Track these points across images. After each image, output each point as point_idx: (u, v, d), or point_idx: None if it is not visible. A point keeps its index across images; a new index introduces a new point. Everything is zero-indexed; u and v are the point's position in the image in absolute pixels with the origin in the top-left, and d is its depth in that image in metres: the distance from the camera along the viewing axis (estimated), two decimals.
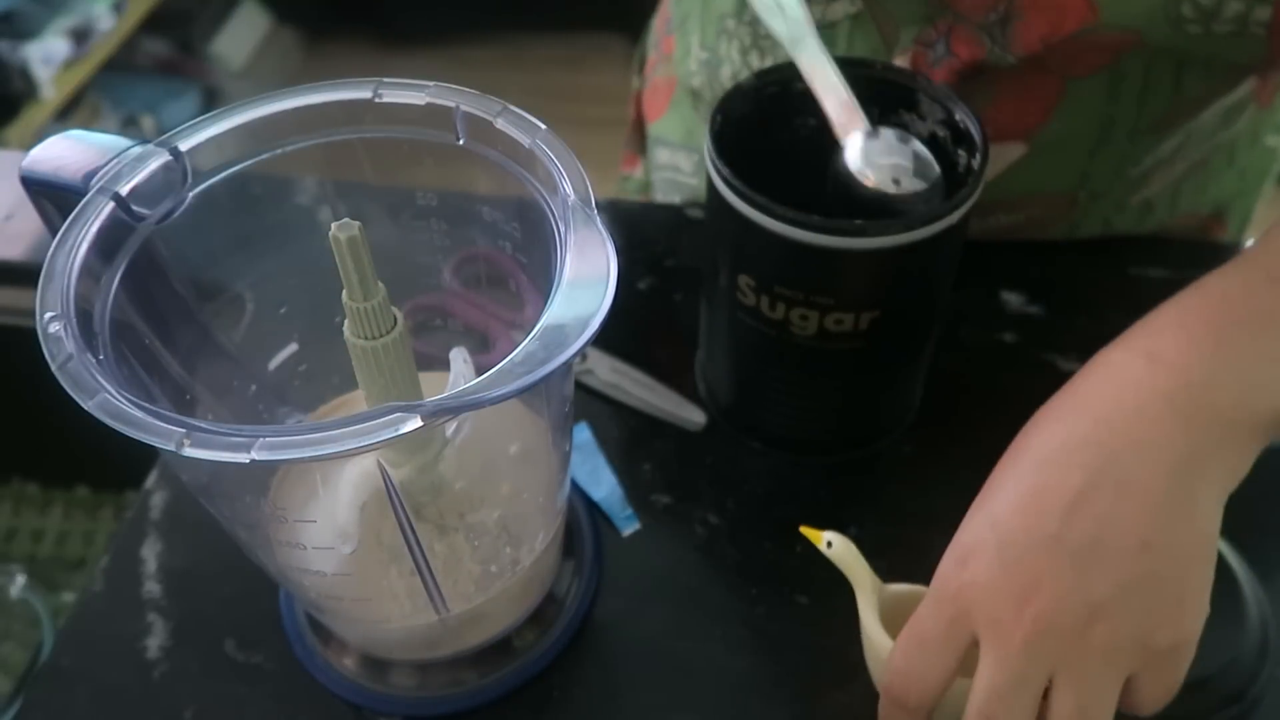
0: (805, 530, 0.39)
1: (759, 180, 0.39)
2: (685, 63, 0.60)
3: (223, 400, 0.39)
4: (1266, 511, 0.47)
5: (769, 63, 0.53)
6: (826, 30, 0.50)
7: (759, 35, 0.53)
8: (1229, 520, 0.45)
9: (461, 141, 0.34)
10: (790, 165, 0.45)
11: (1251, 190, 0.61)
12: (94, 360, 0.28)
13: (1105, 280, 0.57)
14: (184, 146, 0.34)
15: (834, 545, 0.39)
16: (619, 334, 0.53)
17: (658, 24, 0.68)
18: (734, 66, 0.55)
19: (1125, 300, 0.56)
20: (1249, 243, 0.59)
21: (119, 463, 0.56)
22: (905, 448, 0.50)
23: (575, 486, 0.48)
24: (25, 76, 1.67)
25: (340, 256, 0.30)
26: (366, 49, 2.33)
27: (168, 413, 0.26)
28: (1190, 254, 0.59)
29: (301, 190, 0.39)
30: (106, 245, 0.31)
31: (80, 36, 1.76)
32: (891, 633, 0.38)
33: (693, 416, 0.51)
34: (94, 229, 0.31)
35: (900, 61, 0.49)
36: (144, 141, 0.33)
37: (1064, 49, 0.45)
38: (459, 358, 0.36)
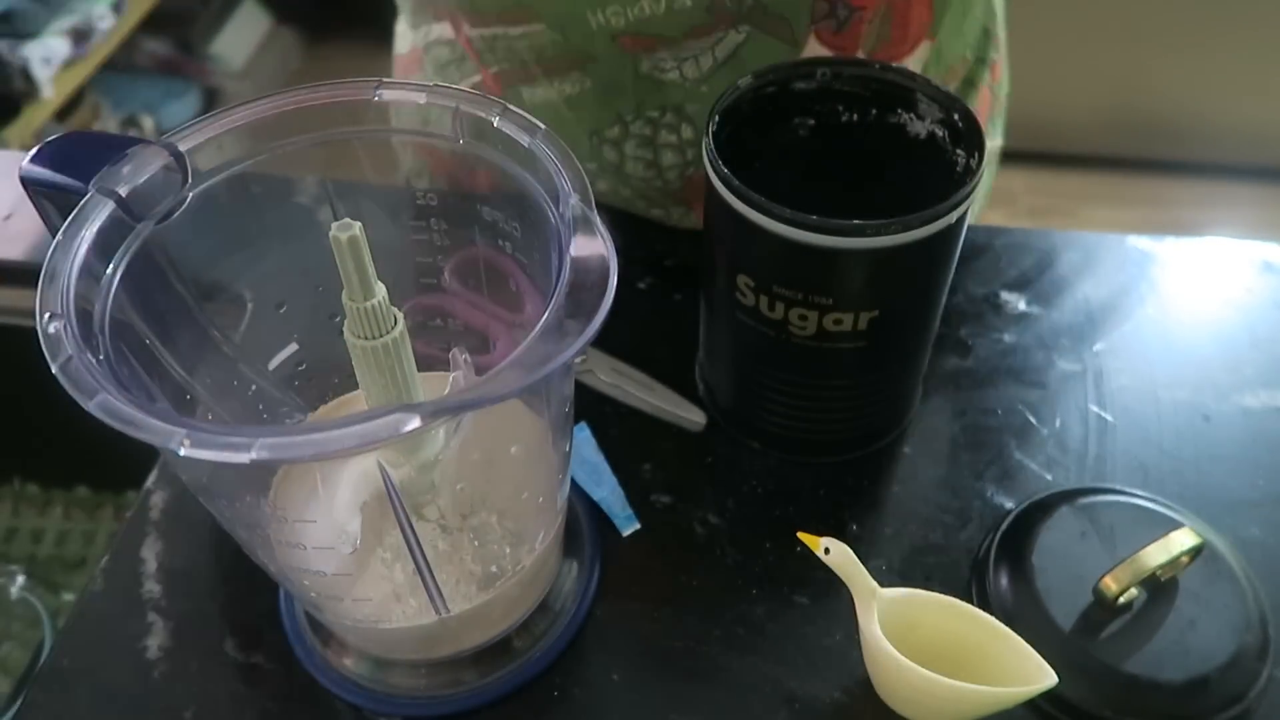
0: (803, 536, 0.39)
1: (758, 180, 0.39)
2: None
3: (223, 400, 0.39)
4: (1267, 511, 0.47)
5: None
6: (726, 64, 0.51)
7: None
8: (1229, 519, 0.46)
9: (461, 141, 0.34)
10: (789, 165, 0.45)
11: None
12: (94, 360, 0.28)
13: (1105, 280, 0.57)
14: (184, 146, 0.34)
15: (832, 551, 0.39)
16: (619, 334, 0.52)
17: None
18: None
19: (1125, 300, 0.57)
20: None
21: (119, 463, 0.56)
22: (905, 448, 0.50)
23: (575, 486, 0.48)
24: (25, 76, 1.67)
25: (340, 256, 0.30)
26: (366, 49, 2.32)
27: (168, 413, 0.26)
28: (1190, 255, 0.59)
29: (301, 190, 0.39)
30: (106, 245, 0.31)
31: (80, 36, 1.76)
32: (891, 637, 0.38)
33: (693, 416, 0.51)
34: (94, 229, 0.31)
35: (809, 52, 0.51)
36: (144, 141, 0.33)
37: None
38: (459, 358, 0.36)
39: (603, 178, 0.59)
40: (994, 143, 0.66)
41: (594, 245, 0.29)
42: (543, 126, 0.33)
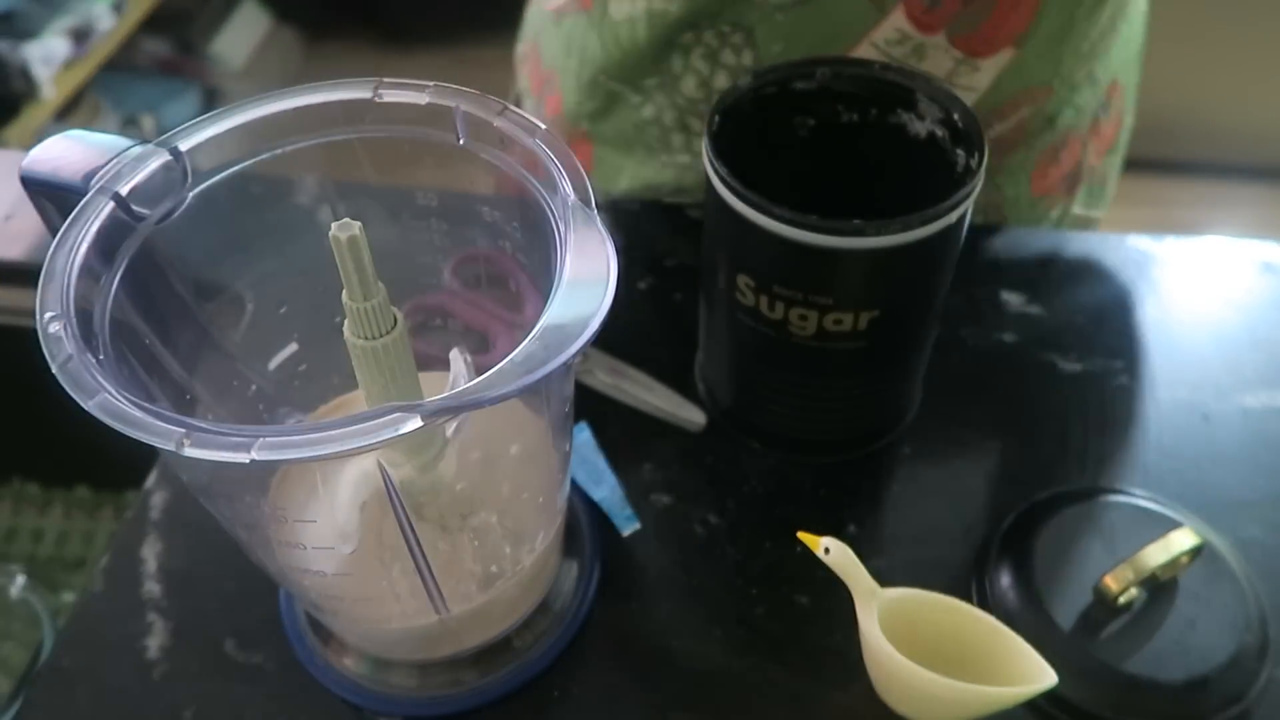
0: (803, 536, 0.39)
1: (757, 180, 0.39)
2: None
3: (223, 400, 0.39)
4: (1267, 511, 0.47)
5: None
6: (808, 5, 0.51)
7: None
8: (1229, 519, 0.46)
9: (461, 141, 0.34)
10: (789, 165, 0.45)
11: (1134, 57, 0.62)
12: (94, 360, 0.28)
13: (1105, 280, 0.57)
14: (184, 146, 0.34)
15: (831, 551, 0.39)
16: (619, 334, 0.52)
17: (531, 82, 0.68)
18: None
19: (1125, 300, 0.57)
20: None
21: (119, 463, 0.56)
22: (905, 448, 0.50)
23: (575, 486, 0.48)
24: (25, 76, 1.67)
25: (340, 256, 0.30)
26: (366, 49, 2.32)
27: (168, 413, 0.26)
28: (1190, 255, 0.59)
29: (301, 190, 0.39)
30: (106, 245, 0.31)
31: (80, 36, 1.76)
32: (891, 637, 0.38)
33: (693, 416, 0.51)
34: (94, 229, 0.31)
35: (890, 25, 0.50)
36: (144, 141, 0.33)
37: None
38: (459, 358, 0.36)
39: (653, 98, 0.58)
40: (1083, 212, 0.64)
41: (594, 245, 0.29)
42: (543, 126, 0.33)
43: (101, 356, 0.29)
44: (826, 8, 0.51)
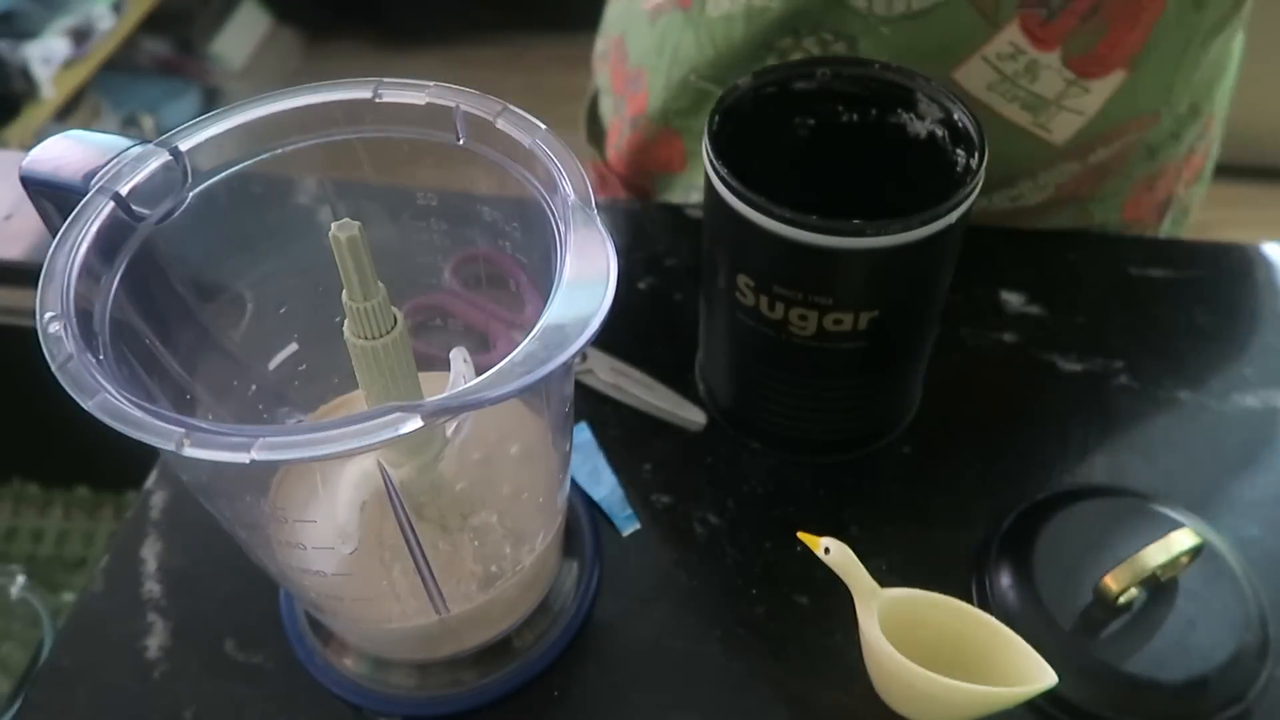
0: (803, 536, 0.39)
1: (757, 180, 0.39)
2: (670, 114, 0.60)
3: (223, 400, 0.39)
4: (1266, 511, 0.47)
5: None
6: (916, 18, 0.49)
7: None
8: (1229, 519, 0.46)
9: (461, 141, 0.34)
10: (788, 165, 0.45)
11: (1229, 90, 0.62)
12: (94, 360, 0.28)
13: (1105, 280, 0.57)
14: (184, 146, 0.34)
15: (831, 551, 0.39)
16: (619, 334, 0.53)
17: (612, 79, 0.67)
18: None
19: (1125, 300, 0.57)
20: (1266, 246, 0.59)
21: (119, 463, 0.56)
22: (905, 448, 0.50)
23: (575, 486, 0.48)
24: (25, 76, 1.67)
25: (340, 256, 0.30)
26: (366, 49, 2.32)
27: (168, 413, 0.26)
28: (1191, 255, 0.59)
29: (301, 190, 0.39)
30: (106, 245, 0.31)
31: (80, 36, 1.76)
32: (891, 637, 0.38)
33: (693, 416, 0.51)
34: (94, 229, 0.31)
35: (1005, 38, 0.49)
36: (144, 141, 0.33)
37: None
38: (459, 358, 0.36)
39: None
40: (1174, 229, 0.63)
41: (594, 245, 0.29)
42: (543, 126, 0.33)
43: (101, 356, 0.29)
44: (935, 20, 0.49)
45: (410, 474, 0.37)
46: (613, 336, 0.53)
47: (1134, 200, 0.60)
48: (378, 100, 0.34)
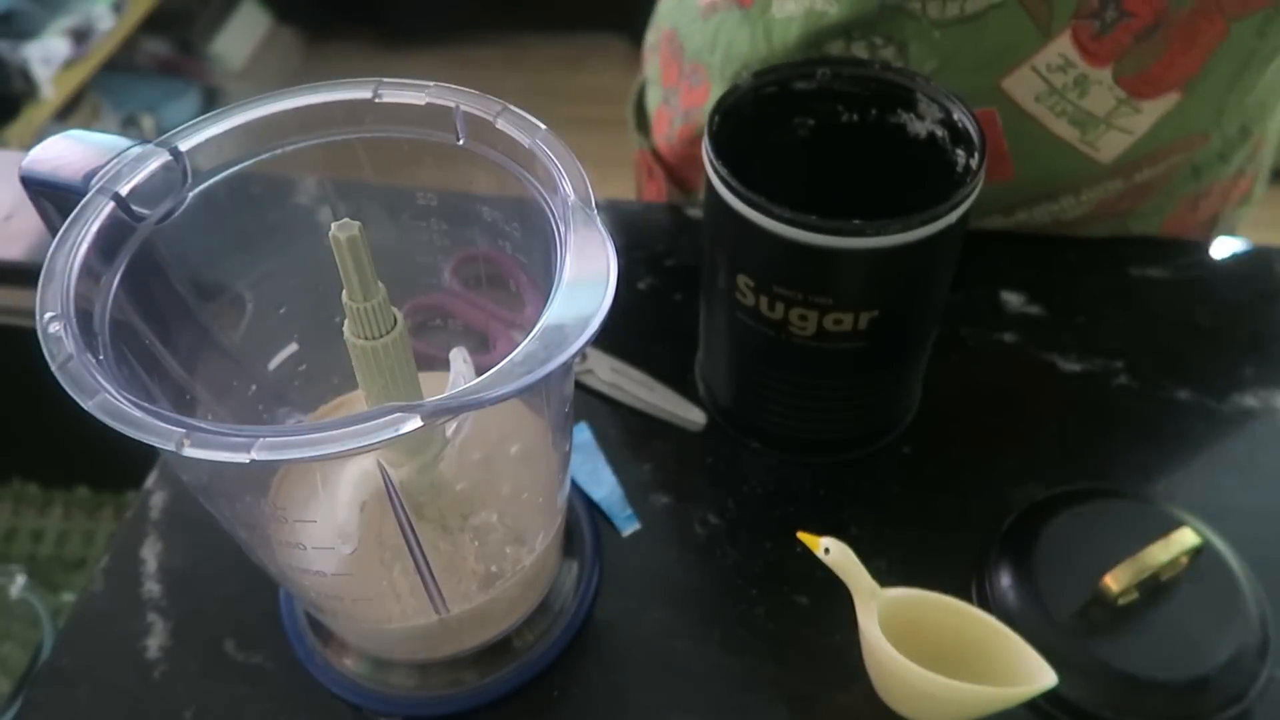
0: (803, 536, 0.39)
1: (757, 180, 0.39)
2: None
3: (223, 400, 0.39)
4: (1267, 511, 0.47)
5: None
6: (969, 23, 0.49)
7: None
8: (1229, 519, 0.46)
9: (461, 141, 0.34)
10: (789, 165, 0.45)
11: (1274, 107, 0.60)
12: (94, 360, 0.28)
13: (1105, 280, 0.57)
14: (184, 146, 0.34)
15: (831, 551, 0.39)
16: (619, 334, 0.53)
17: (663, 71, 0.66)
18: None
19: (1125, 300, 0.57)
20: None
21: (119, 463, 0.56)
22: (905, 448, 0.50)
23: (575, 486, 0.48)
24: (25, 76, 1.67)
25: (340, 256, 0.30)
26: (366, 49, 2.33)
27: (168, 413, 0.26)
28: (1191, 255, 0.59)
29: (301, 190, 0.39)
30: (106, 245, 0.31)
31: (80, 36, 1.76)
32: (891, 637, 0.38)
33: (693, 416, 0.51)
34: (94, 229, 0.31)
35: (1056, 48, 0.48)
36: (144, 141, 0.33)
37: None
38: (459, 358, 0.36)
39: None
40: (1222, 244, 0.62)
41: (594, 245, 0.29)
42: (543, 126, 0.33)
43: (101, 356, 0.29)
44: (987, 26, 0.49)
45: (410, 474, 0.37)
46: (613, 336, 0.53)
47: (1176, 218, 0.59)
48: (378, 100, 0.34)
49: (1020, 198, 0.56)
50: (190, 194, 0.34)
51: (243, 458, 0.25)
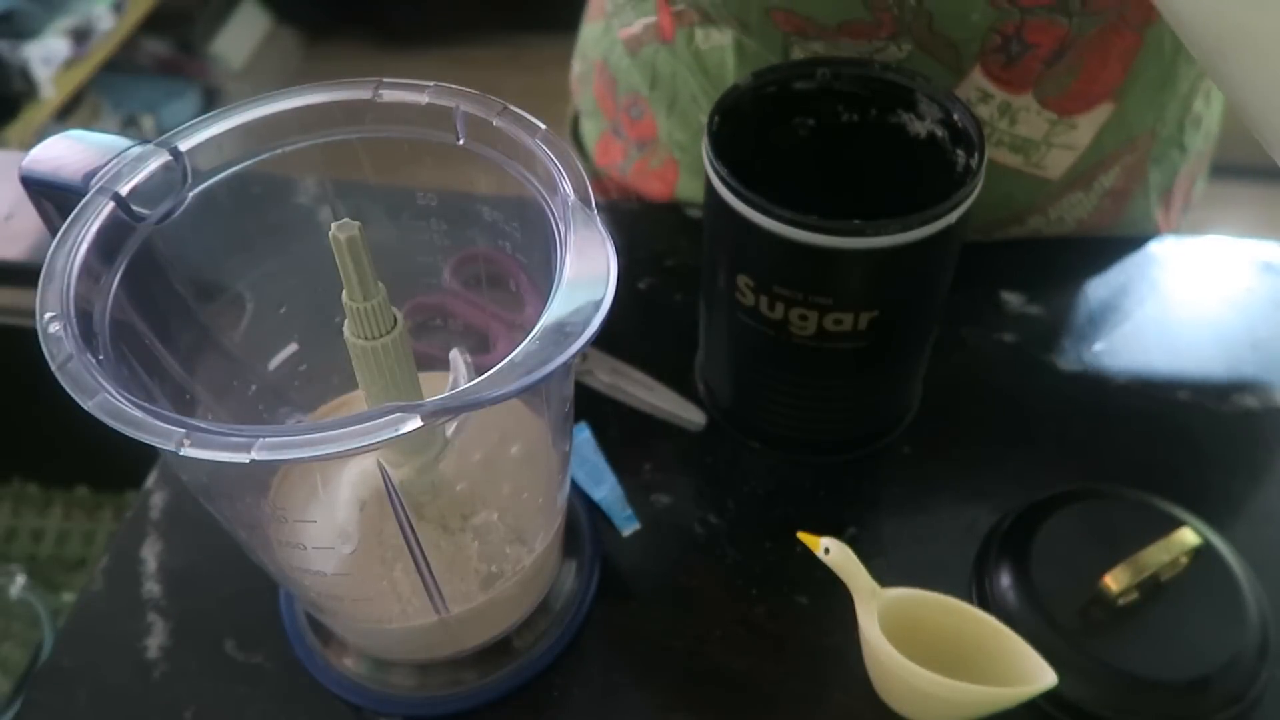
0: (803, 536, 0.39)
1: (757, 180, 0.39)
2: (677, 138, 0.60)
3: (223, 400, 0.39)
4: (1267, 511, 0.47)
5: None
6: None
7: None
8: (1229, 519, 0.46)
9: (461, 141, 0.34)
10: (789, 165, 0.45)
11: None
12: (94, 360, 0.28)
13: (1105, 280, 0.57)
14: (184, 146, 0.34)
15: (831, 551, 0.39)
16: (619, 334, 0.53)
17: (600, 103, 0.66)
18: None
19: (1125, 301, 0.57)
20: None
21: (119, 463, 0.56)
22: (905, 448, 0.50)
23: (575, 486, 0.48)
24: (25, 76, 1.67)
25: (340, 256, 0.30)
26: (366, 49, 2.33)
27: (168, 413, 0.26)
28: (1191, 255, 0.59)
29: (301, 190, 0.39)
30: (106, 245, 0.31)
31: (80, 36, 1.76)
32: (891, 637, 0.38)
33: (693, 416, 0.51)
34: (94, 229, 0.31)
35: (971, 84, 0.49)
36: (144, 141, 0.33)
37: None
38: (459, 358, 0.36)
39: None
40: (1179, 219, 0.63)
41: (594, 245, 0.29)
42: (543, 126, 0.33)
43: (101, 356, 0.29)
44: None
45: (410, 474, 0.37)
46: (613, 336, 0.53)
47: (1164, 216, 0.60)
48: (378, 100, 0.34)
49: (989, 222, 0.57)
50: (190, 194, 0.34)
51: (243, 458, 0.25)
